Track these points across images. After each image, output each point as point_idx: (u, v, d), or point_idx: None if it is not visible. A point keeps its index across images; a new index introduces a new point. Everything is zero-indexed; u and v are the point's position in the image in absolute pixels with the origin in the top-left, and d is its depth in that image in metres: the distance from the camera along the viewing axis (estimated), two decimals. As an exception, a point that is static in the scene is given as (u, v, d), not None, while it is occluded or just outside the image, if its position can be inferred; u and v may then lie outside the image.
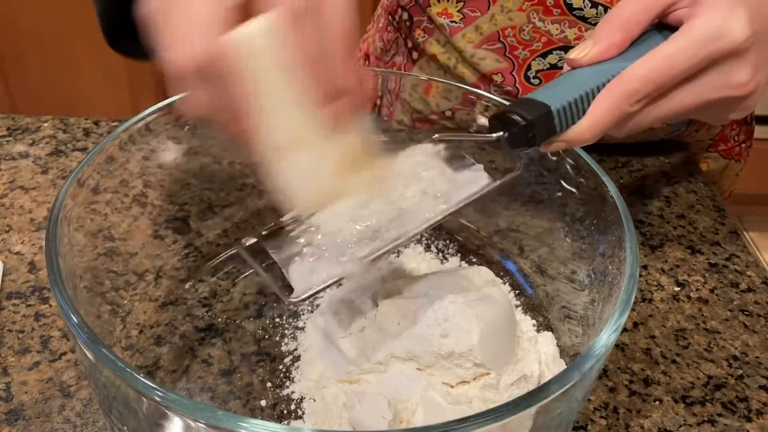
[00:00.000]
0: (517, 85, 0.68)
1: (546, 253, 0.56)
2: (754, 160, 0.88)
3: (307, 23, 0.33)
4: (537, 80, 0.67)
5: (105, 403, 0.38)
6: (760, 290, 0.58)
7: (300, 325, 0.52)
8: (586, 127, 0.42)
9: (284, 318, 0.53)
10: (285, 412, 0.46)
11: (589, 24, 0.62)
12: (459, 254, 0.59)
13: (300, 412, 0.46)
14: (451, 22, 0.68)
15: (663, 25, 0.45)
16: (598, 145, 0.52)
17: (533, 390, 0.33)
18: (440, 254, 0.59)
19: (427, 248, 0.60)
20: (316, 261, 0.39)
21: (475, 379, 0.44)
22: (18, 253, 0.57)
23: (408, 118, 0.73)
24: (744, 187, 0.87)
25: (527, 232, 0.59)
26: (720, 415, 0.48)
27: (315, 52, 0.34)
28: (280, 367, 0.49)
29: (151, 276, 0.54)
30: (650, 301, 0.57)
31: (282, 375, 0.49)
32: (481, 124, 0.57)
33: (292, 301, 0.38)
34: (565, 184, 0.51)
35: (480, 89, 0.57)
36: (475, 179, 0.43)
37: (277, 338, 0.51)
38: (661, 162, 0.73)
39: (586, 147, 0.44)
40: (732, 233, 0.64)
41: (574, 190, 0.51)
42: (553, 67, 0.66)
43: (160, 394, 0.31)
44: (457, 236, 0.61)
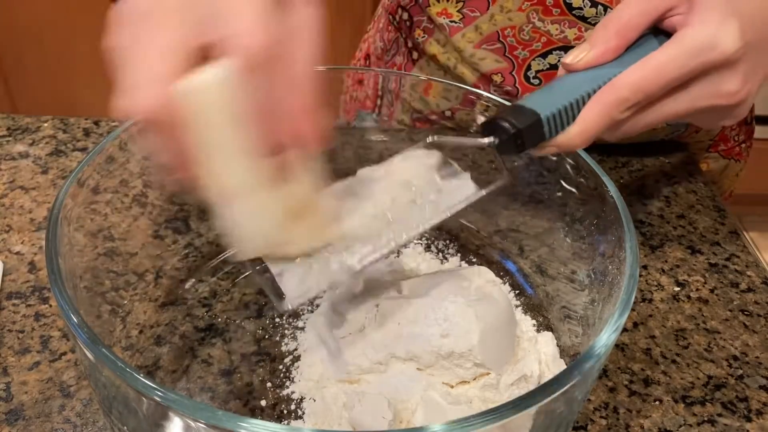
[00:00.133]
0: (516, 85, 0.68)
1: (546, 253, 0.56)
2: (754, 160, 0.88)
3: (260, 75, 0.33)
4: (537, 80, 0.67)
5: (105, 403, 0.38)
6: (760, 290, 0.58)
7: (300, 325, 0.52)
8: (576, 133, 0.43)
9: (284, 318, 0.53)
10: (285, 412, 0.46)
11: (589, 24, 0.62)
12: (459, 254, 0.60)
13: (300, 412, 0.46)
14: (451, 22, 0.68)
15: (659, 29, 0.45)
16: (598, 145, 0.53)
17: (533, 390, 0.33)
18: (440, 254, 0.59)
19: (427, 248, 0.60)
20: (308, 270, 0.40)
21: (475, 379, 0.44)
22: (18, 253, 0.57)
23: (408, 118, 0.73)
24: (744, 187, 0.87)
25: (527, 232, 0.59)
26: (720, 415, 0.48)
27: (265, 105, 0.34)
28: (280, 367, 0.49)
29: (151, 276, 0.54)
30: (650, 301, 0.57)
31: (282, 375, 0.49)
32: (480, 124, 0.57)
33: (284, 309, 0.39)
34: (565, 184, 0.51)
35: (480, 89, 0.57)
36: (462, 188, 0.44)
37: (277, 338, 0.51)
38: (661, 162, 0.73)
39: (585, 147, 0.44)
40: (732, 233, 0.64)
41: (574, 190, 0.51)
42: (553, 67, 0.66)
43: (160, 394, 0.31)
44: (457, 236, 0.61)
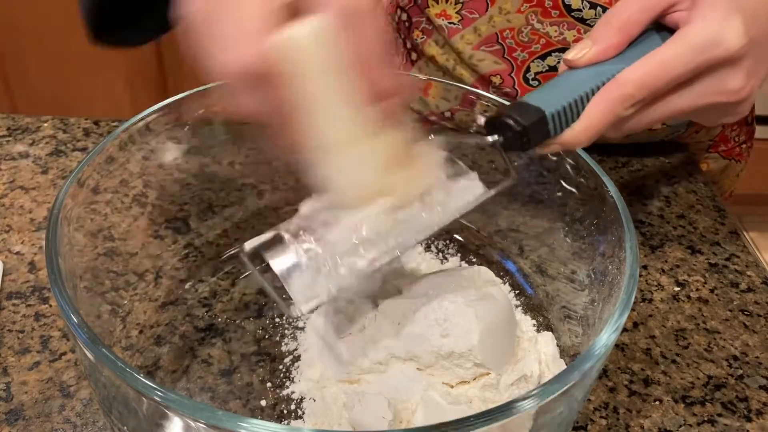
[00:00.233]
0: (515, 87, 0.68)
1: (546, 253, 0.56)
2: (754, 160, 0.88)
3: (354, 27, 0.34)
4: (536, 82, 0.67)
5: (105, 403, 0.38)
6: (760, 290, 0.58)
7: (300, 325, 0.52)
8: (581, 130, 0.42)
9: (284, 318, 0.53)
10: (285, 412, 0.46)
11: (588, 26, 0.62)
12: (459, 254, 0.60)
13: (300, 412, 0.46)
14: (450, 23, 0.68)
15: (661, 25, 0.45)
16: (598, 145, 0.52)
17: (533, 390, 0.33)
18: (440, 254, 0.59)
19: (427, 248, 0.60)
20: (316, 274, 0.39)
21: (475, 379, 0.44)
22: (18, 253, 0.57)
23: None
24: (744, 187, 0.87)
25: (527, 232, 0.59)
26: (720, 415, 0.48)
27: (362, 55, 0.35)
28: (280, 367, 0.49)
29: (151, 276, 0.54)
30: (650, 301, 0.57)
31: (282, 375, 0.49)
32: (481, 124, 0.57)
33: (294, 315, 0.39)
34: (565, 184, 0.51)
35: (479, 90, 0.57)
36: (470, 188, 0.43)
37: (277, 338, 0.51)
38: (661, 162, 0.73)
39: (585, 147, 0.44)
40: (732, 233, 0.64)
41: (574, 190, 0.51)
42: (552, 69, 0.66)
43: (160, 394, 0.31)
44: (457, 236, 0.61)
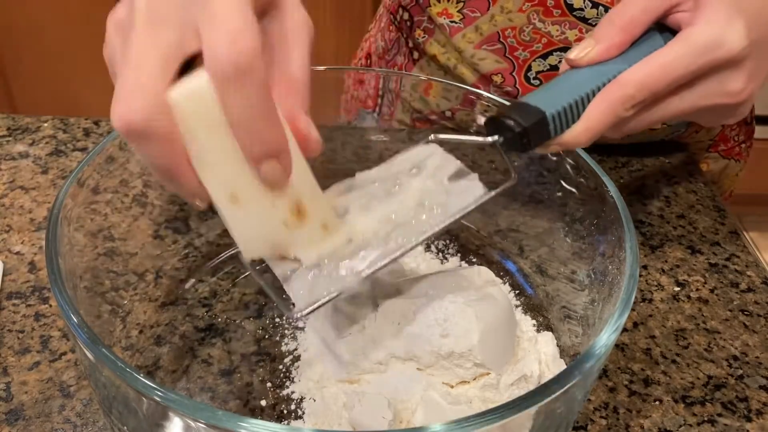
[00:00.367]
0: (517, 86, 0.68)
1: (546, 253, 0.56)
2: (754, 160, 0.88)
3: (234, 87, 0.32)
4: (537, 81, 0.67)
5: (105, 403, 0.38)
6: (760, 290, 0.58)
7: (300, 325, 0.52)
8: (581, 131, 0.42)
9: (284, 318, 0.53)
10: (285, 412, 0.46)
11: (590, 25, 0.62)
12: (459, 254, 0.60)
13: (300, 412, 0.46)
14: (451, 22, 0.68)
15: (663, 25, 0.45)
16: (598, 145, 0.52)
17: (533, 390, 0.33)
18: (440, 254, 0.59)
19: (427, 248, 0.60)
20: (316, 277, 0.39)
21: (475, 379, 0.44)
22: (18, 253, 0.57)
23: (408, 118, 0.73)
24: (744, 187, 0.87)
25: (527, 232, 0.59)
26: (720, 415, 0.48)
27: (240, 116, 0.33)
28: (280, 367, 0.49)
29: (151, 276, 0.54)
30: (650, 301, 0.57)
31: (282, 375, 0.49)
32: (481, 124, 0.57)
33: (294, 317, 0.38)
34: (565, 184, 0.51)
35: (480, 89, 0.57)
36: (471, 189, 0.42)
37: (277, 338, 0.51)
38: (661, 162, 0.73)
39: (586, 147, 0.44)
40: (732, 233, 0.64)
41: (574, 190, 0.51)
42: (554, 68, 0.66)
43: (160, 394, 0.31)
44: (457, 236, 0.61)
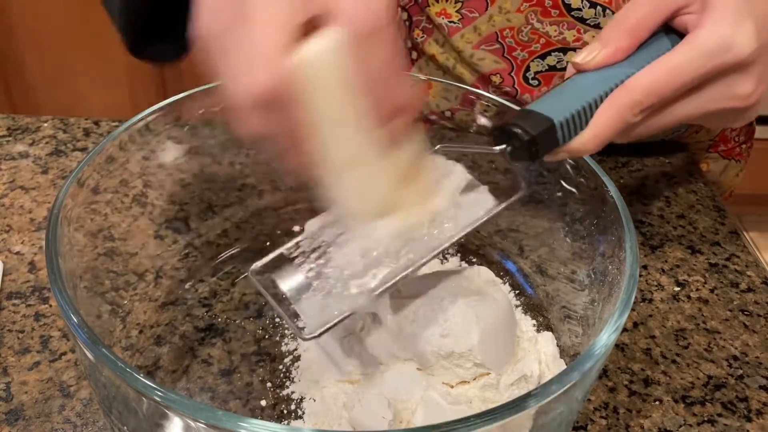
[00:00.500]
0: (515, 86, 0.68)
1: (546, 253, 0.56)
2: (754, 160, 0.88)
3: (368, 44, 0.33)
4: (536, 81, 0.67)
5: (105, 403, 0.38)
6: (760, 290, 0.58)
7: (300, 325, 0.52)
8: (589, 137, 0.42)
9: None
10: (285, 412, 0.46)
11: (588, 25, 0.62)
12: (459, 254, 0.59)
13: (300, 412, 0.46)
14: (450, 22, 0.68)
15: (670, 28, 0.45)
16: (598, 145, 0.52)
17: (533, 390, 0.33)
18: (440, 254, 0.59)
19: (427, 248, 0.60)
20: (326, 296, 0.39)
21: (475, 379, 0.44)
22: (18, 253, 0.57)
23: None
24: (744, 187, 0.87)
25: (527, 232, 0.59)
26: (720, 415, 0.48)
27: (375, 73, 0.34)
28: (280, 367, 0.49)
29: (151, 276, 0.54)
30: (650, 301, 0.57)
31: (282, 375, 0.49)
32: (481, 124, 0.57)
33: (307, 338, 0.38)
34: (565, 184, 0.51)
35: (479, 89, 0.57)
36: (481, 202, 0.42)
37: (277, 338, 0.51)
38: (661, 162, 0.73)
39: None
40: (732, 233, 0.64)
41: (574, 190, 0.51)
42: (552, 69, 0.66)
43: (160, 394, 0.31)
44: (457, 236, 0.61)
